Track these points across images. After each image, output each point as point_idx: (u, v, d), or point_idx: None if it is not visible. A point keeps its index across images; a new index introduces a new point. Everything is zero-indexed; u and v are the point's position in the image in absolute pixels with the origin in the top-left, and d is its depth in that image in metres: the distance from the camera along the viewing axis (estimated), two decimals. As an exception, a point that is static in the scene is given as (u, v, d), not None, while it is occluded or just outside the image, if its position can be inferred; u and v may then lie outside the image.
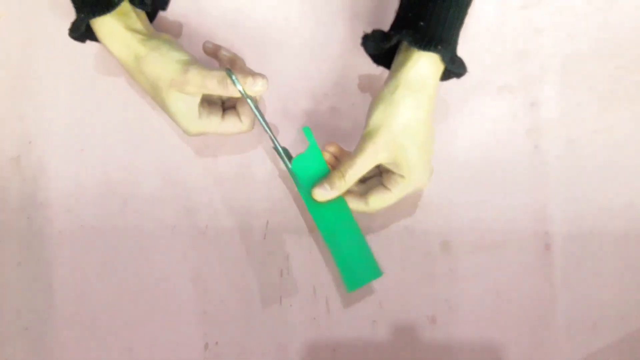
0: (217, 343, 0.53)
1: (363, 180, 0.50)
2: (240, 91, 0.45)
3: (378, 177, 0.50)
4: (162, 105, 0.49)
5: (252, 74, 0.46)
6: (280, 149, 0.49)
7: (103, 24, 0.47)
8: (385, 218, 0.54)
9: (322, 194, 0.48)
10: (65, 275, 0.54)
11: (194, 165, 0.55)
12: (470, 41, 0.55)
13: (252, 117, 0.50)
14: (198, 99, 0.48)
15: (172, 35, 0.55)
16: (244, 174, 0.55)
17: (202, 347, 0.53)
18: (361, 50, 0.49)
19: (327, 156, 0.50)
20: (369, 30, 0.48)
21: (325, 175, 0.49)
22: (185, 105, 0.47)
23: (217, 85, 0.45)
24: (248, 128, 0.50)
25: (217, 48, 0.51)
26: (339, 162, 0.50)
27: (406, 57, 0.45)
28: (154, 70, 0.47)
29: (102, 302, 0.54)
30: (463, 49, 0.55)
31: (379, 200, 0.48)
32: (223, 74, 0.45)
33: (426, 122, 0.46)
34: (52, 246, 0.54)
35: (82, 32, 0.48)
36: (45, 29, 0.56)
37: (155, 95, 0.49)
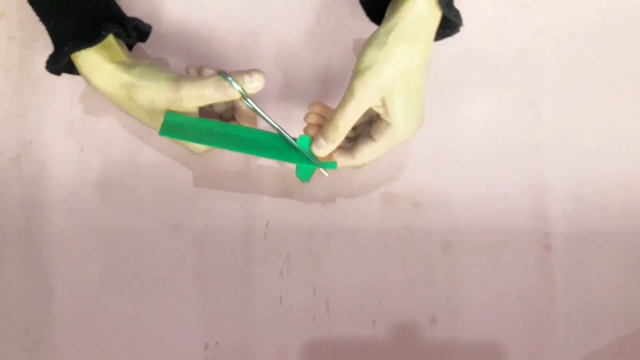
0: (217, 343, 0.53)
1: (352, 138, 0.49)
2: (239, 91, 0.44)
3: (367, 130, 0.48)
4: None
5: (247, 71, 0.44)
6: (290, 138, 0.47)
7: (87, 58, 0.45)
8: (385, 218, 0.54)
9: (319, 150, 0.46)
10: (65, 275, 0.54)
11: (194, 165, 0.55)
12: (470, 41, 0.55)
13: (253, 124, 0.49)
14: (196, 117, 0.46)
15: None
16: (244, 173, 0.55)
17: (202, 347, 0.53)
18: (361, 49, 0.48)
19: (313, 118, 0.48)
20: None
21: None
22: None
23: (214, 91, 0.44)
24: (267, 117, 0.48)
25: (200, 69, 0.49)
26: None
27: (402, 1, 0.43)
28: (146, 96, 0.45)
29: (102, 302, 0.54)
30: (463, 49, 0.55)
31: (365, 152, 0.47)
32: (218, 78, 0.44)
33: (420, 68, 0.44)
34: (52, 246, 0.54)
35: (60, 65, 0.46)
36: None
37: (153, 123, 0.47)
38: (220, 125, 0.47)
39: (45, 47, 0.56)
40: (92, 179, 0.55)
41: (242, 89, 0.44)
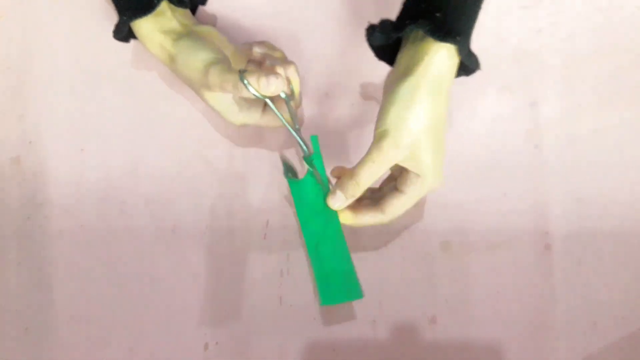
0: (217, 343, 0.53)
1: (375, 193, 0.49)
2: (254, 94, 0.43)
3: (391, 185, 0.48)
4: (202, 99, 0.49)
5: (267, 74, 0.43)
6: (304, 147, 0.47)
7: (140, 27, 0.48)
8: (385, 218, 0.54)
9: (335, 203, 0.46)
10: (65, 275, 0.54)
11: (194, 165, 0.55)
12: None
13: (289, 113, 0.48)
14: (230, 96, 0.47)
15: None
16: (244, 173, 0.55)
17: (202, 347, 0.53)
18: (361, 49, 0.48)
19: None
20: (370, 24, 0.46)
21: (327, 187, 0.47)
22: (222, 101, 0.47)
23: (233, 89, 0.44)
24: (291, 123, 0.48)
25: (250, 46, 0.50)
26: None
27: (421, 51, 0.43)
28: (183, 72, 0.47)
29: (102, 302, 0.54)
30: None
31: (394, 205, 0.46)
32: (236, 78, 0.43)
33: (443, 118, 0.44)
34: (52, 246, 0.54)
35: (124, 34, 0.49)
36: (45, 29, 0.56)
37: (195, 91, 0.49)
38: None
39: (45, 47, 0.56)
40: (92, 179, 0.55)
41: (258, 92, 0.43)
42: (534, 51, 0.55)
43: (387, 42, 0.46)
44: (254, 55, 0.50)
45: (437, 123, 0.44)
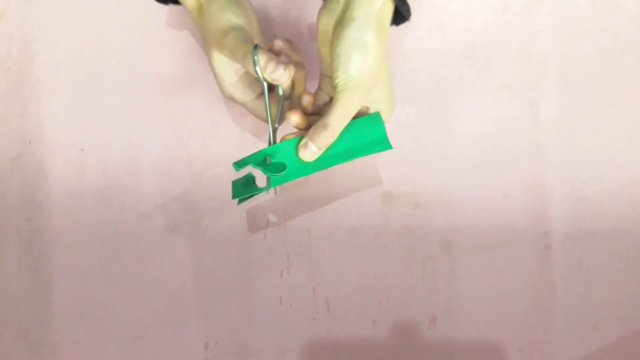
0: (217, 343, 0.53)
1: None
2: (257, 72, 0.43)
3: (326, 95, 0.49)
4: (208, 58, 0.49)
5: (277, 60, 0.43)
6: (272, 141, 0.47)
7: None
8: (385, 218, 0.54)
9: (309, 155, 0.46)
10: (65, 275, 0.54)
11: (194, 165, 0.55)
12: (470, 41, 0.55)
13: (279, 111, 0.49)
14: (237, 66, 0.47)
15: None
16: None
17: (202, 347, 0.53)
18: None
19: (297, 116, 0.47)
20: None
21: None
22: (225, 67, 0.47)
23: (241, 58, 0.44)
24: (273, 119, 0.49)
25: (274, 37, 0.50)
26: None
27: None
28: (206, 25, 0.47)
29: (102, 302, 0.54)
30: (463, 49, 0.55)
31: (333, 119, 0.45)
32: (249, 49, 0.44)
33: (387, 55, 0.46)
34: (52, 246, 0.54)
35: None
36: (45, 29, 0.56)
37: (206, 48, 0.49)
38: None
39: (45, 47, 0.56)
40: (92, 179, 0.55)
41: (262, 73, 0.43)
42: (534, 51, 0.55)
43: None
44: (274, 47, 0.50)
45: (385, 60, 0.46)
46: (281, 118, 0.48)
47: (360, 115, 0.47)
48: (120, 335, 0.54)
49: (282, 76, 0.43)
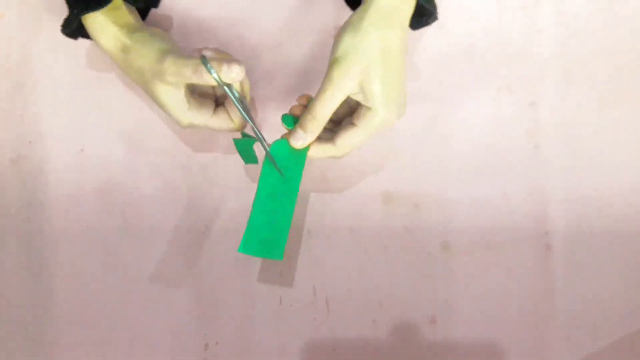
0: (217, 343, 0.53)
1: (333, 128, 0.49)
2: (215, 79, 0.44)
3: (348, 118, 0.48)
4: (151, 96, 0.48)
5: (227, 60, 0.44)
6: (260, 136, 0.47)
7: (94, 20, 0.47)
8: (385, 218, 0.54)
9: (297, 141, 0.46)
10: (65, 275, 0.54)
11: (193, 165, 0.55)
12: (470, 41, 0.55)
13: (241, 118, 0.49)
14: (182, 90, 0.47)
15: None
16: (244, 173, 0.55)
17: (202, 347, 0.53)
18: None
19: (298, 109, 0.48)
20: None
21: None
22: (172, 96, 0.47)
23: (192, 73, 0.44)
24: (238, 127, 0.49)
25: (199, 51, 0.49)
26: None
27: None
28: (138, 62, 0.47)
29: (102, 302, 0.54)
30: (463, 49, 0.55)
31: (346, 138, 0.46)
32: (197, 62, 0.44)
33: (398, 52, 0.45)
34: (52, 246, 0.54)
35: (74, 28, 0.48)
36: (45, 29, 0.56)
37: (144, 88, 0.48)
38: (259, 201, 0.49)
39: (45, 47, 0.56)
40: (92, 179, 0.55)
41: (219, 77, 0.44)
42: (534, 51, 0.55)
43: None
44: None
45: (388, 55, 0.44)
46: (250, 115, 0.48)
47: (355, 107, 0.47)
48: (120, 335, 0.54)
49: (239, 72, 0.44)
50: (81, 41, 0.56)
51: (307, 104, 0.48)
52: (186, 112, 0.48)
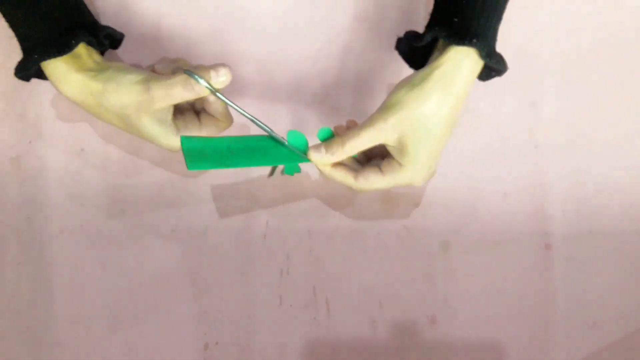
0: (217, 343, 0.53)
1: (360, 162, 0.49)
2: (207, 87, 0.43)
3: (378, 159, 0.48)
4: (137, 133, 0.46)
5: (213, 66, 0.43)
6: (262, 125, 0.46)
7: (55, 67, 0.45)
8: (385, 218, 0.54)
9: (317, 156, 0.46)
10: (65, 275, 0.54)
11: (194, 165, 0.55)
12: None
13: (225, 112, 0.48)
14: (170, 114, 0.46)
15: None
16: (244, 173, 0.55)
17: (202, 347, 0.53)
18: (363, 50, 0.48)
19: (342, 130, 0.47)
20: (402, 36, 0.47)
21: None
22: (160, 125, 0.46)
23: (182, 90, 0.43)
24: (227, 124, 0.48)
25: (152, 67, 0.48)
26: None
27: (442, 53, 0.43)
28: (116, 102, 0.45)
29: (102, 302, 0.54)
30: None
31: (369, 180, 0.46)
32: (184, 77, 0.43)
33: (448, 119, 0.43)
34: (52, 246, 0.54)
35: (30, 72, 0.46)
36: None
37: (126, 126, 0.47)
38: (235, 139, 0.47)
39: (45, 47, 0.56)
40: (92, 179, 0.55)
41: (210, 84, 0.43)
42: (534, 51, 0.55)
43: (414, 51, 0.47)
44: (161, 71, 0.48)
45: (440, 119, 0.43)
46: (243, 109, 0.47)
47: (387, 158, 0.46)
48: (120, 335, 0.54)
49: (226, 73, 0.44)
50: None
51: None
52: (177, 136, 0.46)
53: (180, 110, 0.49)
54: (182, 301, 0.54)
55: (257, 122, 0.46)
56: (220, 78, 0.43)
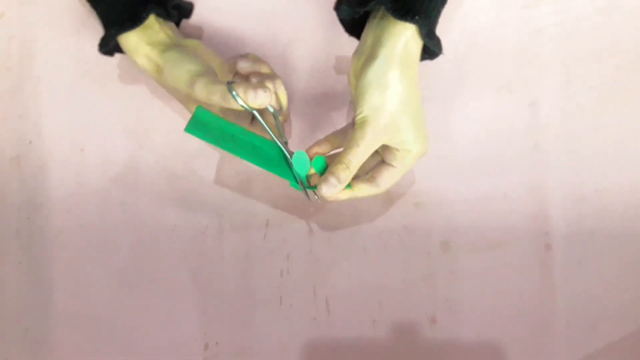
0: (217, 343, 0.53)
1: (362, 167, 0.49)
2: (242, 106, 0.44)
3: (376, 154, 0.49)
4: (189, 110, 0.50)
5: (254, 86, 0.44)
6: (286, 154, 0.47)
7: (127, 40, 0.48)
8: (385, 218, 0.54)
9: (329, 189, 0.46)
10: (65, 275, 0.54)
11: (193, 165, 0.55)
12: (470, 41, 0.55)
13: (276, 127, 0.49)
14: (217, 108, 0.48)
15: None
16: (244, 173, 0.55)
17: (202, 347, 0.53)
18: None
19: (323, 149, 0.48)
20: None
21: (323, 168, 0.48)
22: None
23: (220, 99, 0.44)
24: (278, 136, 0.49)
25: (234, 61, 0.50)
26: (335, 149, 0.49)
27: (387, 31, 0.45)
28: (170, 83, 0.48)
29: (102, 302, 0.54)
30: (463, 49, 0.55)
31: (387, 179, 0.47)
32: (224, 89, 0.44)
33: (416, 91, 0.46)
34: (52, 246, 0.54)
35: (110, 47, 0.49)
36: (45, 29, 0.56)
37: (182, 103, 0.50)
38: (244, 132, 0.47)
39: (45, 47, 0.56)
40: (92, 179, 0.55)
41: (246, 104, 0.43)
42: (534, 51, 0.55)
43: (354, 16, 0.47)
44: (239, 70, 0.50)
45: (411, 99, 0.45)
46: (282, 132, 0.48)
47: (388, 151, 0.47)
48: (120, 335, 0.54)
49: (265, 99, 0.44)
50: (81, 41, 0.56)
51: (324, 151, 0.48)
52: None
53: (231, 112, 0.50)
54: (182, 301, 0.54)
55: (284, 149, 0.47)
56: (258, 100, 0.44)
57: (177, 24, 0.54)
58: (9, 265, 0.54)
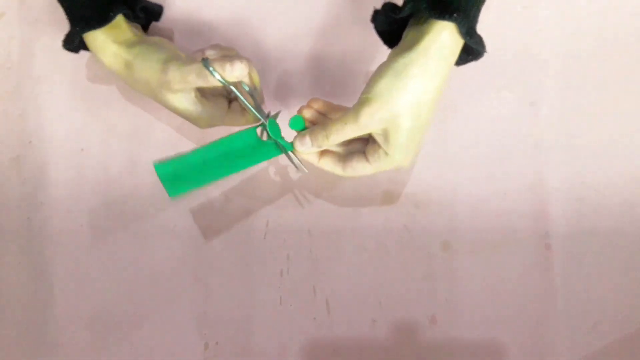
0: (217, 343, 0.53)
1: (344, 145, 0.48)
2: (219, 80, 0.44)
3: (362, 142, 0.47)
4: (164, 105, 0.48)
5: (230, 59, 0.44)
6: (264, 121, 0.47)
7: (94, 38, 0.47)
8: (385, 218, 0.54)
9: (301, 146, 0.46)
10: (65, 275, 0.54)
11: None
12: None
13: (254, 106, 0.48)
14: (192, 94, 0.47)
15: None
16: (244, 173, 0.55)
17: (202, 347, 0.53)
18: (365, 48, 0.48)
19: (309, 113, 0.48)
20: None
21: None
22: (184, 102, 0.47)
23: (196, 78, 0.44)
24: (253, 120, 0.49)
25: (202, 51, 0.49)
26: (327, 117, 0.48)
27: (423, 30, 0.42)
28: (141, 75, 0.47)
29: (102, 302, 0.54)
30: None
31: (356, 169, 0.46)
32: (200, 65, 0.44)
33: (432, 104, 0.43)
34: (52, 246, 0.54)
35: (75, 44, 0.48)
36: (45, 29, 0.56)
37: (155, 98, 0.49)
38: (210, 149, 0.48)
39: (45, 47, 0.56)
40: (92, 179, 0.55)
41: (223, 78, 0.44)
42: (534, 51, 0.55)
43: (391, 25, 0.46)
44: (210, 58, 0.49)
45: (422, 105, 0.43)
46: (260, 109, 0.48)
47: (372, 144, 0.46)
48: (120, 335, 0.54)
49: (242, 69, 0.44)
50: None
51: (317, 108, 0.48)
52: (201, 114, 0.48)
53: (212, 92, 0.50)
54: (182, 301, 0.54)
55: (264, 122, 0.47)
56: (235, 72, 0.44)
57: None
58: (9, 265, 0.54)
